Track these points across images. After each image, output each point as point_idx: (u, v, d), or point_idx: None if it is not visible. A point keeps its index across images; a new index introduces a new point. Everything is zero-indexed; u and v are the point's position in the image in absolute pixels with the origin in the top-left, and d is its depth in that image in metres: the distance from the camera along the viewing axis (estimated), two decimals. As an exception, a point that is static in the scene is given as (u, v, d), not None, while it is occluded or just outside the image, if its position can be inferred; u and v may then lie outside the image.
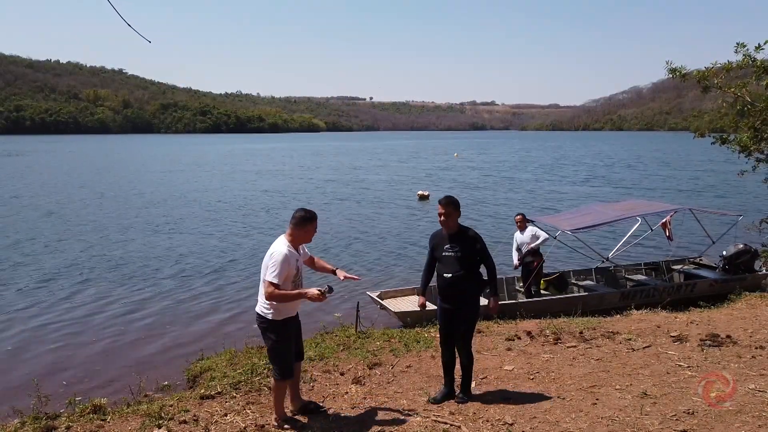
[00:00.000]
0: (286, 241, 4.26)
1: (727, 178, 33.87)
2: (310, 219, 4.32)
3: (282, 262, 4.09)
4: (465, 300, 4.70)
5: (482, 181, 34.41)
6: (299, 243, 4.35)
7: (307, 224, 4.30)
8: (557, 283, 9.71)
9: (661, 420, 4.38)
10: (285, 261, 4.11)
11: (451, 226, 4.71)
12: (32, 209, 22.32)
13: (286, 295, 4.11)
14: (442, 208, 4.68)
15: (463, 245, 4.64)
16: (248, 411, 4.85)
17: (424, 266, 4.99)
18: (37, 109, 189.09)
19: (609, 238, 14.09)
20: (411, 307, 8.66)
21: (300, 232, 4.29)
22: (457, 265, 4.62)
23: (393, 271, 12.82)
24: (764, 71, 9.41)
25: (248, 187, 31.98)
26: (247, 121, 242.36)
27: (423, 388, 5.28)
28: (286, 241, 4.27)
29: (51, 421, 4.83)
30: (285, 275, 4.12)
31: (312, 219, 4.33)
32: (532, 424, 4.41)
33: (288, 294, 4.12)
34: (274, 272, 4.08)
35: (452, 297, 4.71)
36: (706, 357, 5.88)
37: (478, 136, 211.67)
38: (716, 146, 10.86)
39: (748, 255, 10.13)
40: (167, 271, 12.71)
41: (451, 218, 4.69)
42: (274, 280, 4.08)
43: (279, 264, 4.09)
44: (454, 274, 4.63)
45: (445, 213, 4.67)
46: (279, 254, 4.13)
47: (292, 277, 4.21)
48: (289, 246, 4.23)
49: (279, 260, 4.10)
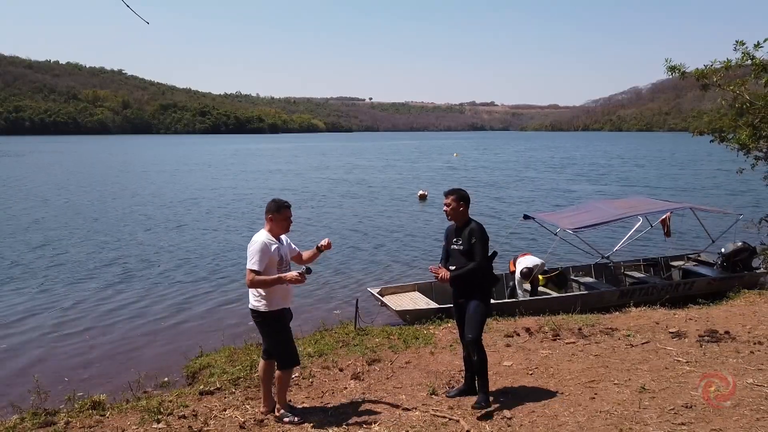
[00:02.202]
0: (264, 232, 4.37)
1: (727, 176, 33.87)
2: (280, 208, 4.39)
3: (260, 250, 4.19)
4: (471, 294, 4.59)
5: (484, 180, 34.47)
6: (277, 232, 4.39)
7: (278, 213, 4.37)
8: (557, 280, 9.72)
9: (659, 414, 4.39)
10: (263, 249, 4.20)
11: (456, 218, 4.67)
12: (33, 209, 22.32)
13: (265, 281, 4.18)
14: (447, 199, 4.66)
15: (464, 238, 4.61)
16: (247, 406, 4.86)
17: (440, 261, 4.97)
18: (36, 109, 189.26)
19: (609, 234, 14.10)
20: (411, 304, 8.68)
21: (274, 222, 4.37)
22: (461, 259, 4.59)
23: (394, 268, 12.83)
24: (763, 69, 9.41)
25: (261, 185, 31.96)
26: (246, 122, 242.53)
27: (422, 384, 5.29)
28: (265, 231, 4.37)
29: (50, 416, 4.84)
30: (266, 263, 4.20)
31: (282, 207, 4.39)
32: (531, 418, 4.42)
33: (267, 279, 4.18)
34: (253, 260, 4.17)
35: (460, 290, 4.66)
36: (705, 353, 5.90)
37: (477, 137, 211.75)
38: (717, 147, 10.86)
39: (747, 253, 10.13)
40: (167, 269, 12.70)
41: (456, 211, 4.64)
42: (253, 267, 4.16)
43: (257, 252, 4.18)
44: (458, 268, 4.61)
45: (447, 204, 4.65)
46: (257, 243, 4.24)
47: (276, 265, 4.26)
48: (268, 235, 4.33)
49: (257, 248, 4.20)
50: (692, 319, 7.34)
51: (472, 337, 4.55)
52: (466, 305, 4.63)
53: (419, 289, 9.38)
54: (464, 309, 4.65)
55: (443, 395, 4.98)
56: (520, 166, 49.00)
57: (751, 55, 9.27)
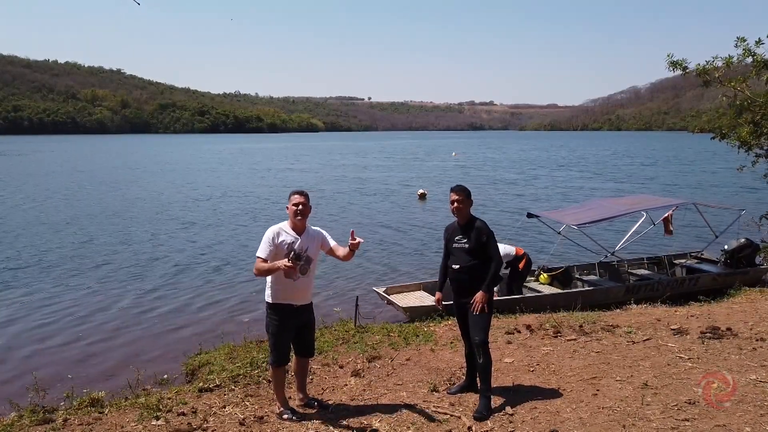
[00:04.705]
0: (283, 223, 4.38)
1: (728, 174, 33.87)
2: (289, 195, 4.40)
3: (267, 239, 4.25)
4: (474, 293, 4.49)
5: (486, 178, 34.43)
6: (293, 223, 4.33)
7: (288, 200, 4.38)
8: (562, 278, 9.70)
9: (662, 410, 4.36)
10: (268, 237, 4.26)
11: (464, 215, 4.61)
12: (34, 209, 22.26)
13: (260, 268, 4.18)
14: (456, 195, 4.56)
15: (472, 236, 4.52)
16: (247, 403, 4.82)
17: (441, 261, 4.88)
18: (35, 109, 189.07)
19: (612, 233, 14.08)
20: (417, 302, 8.69)
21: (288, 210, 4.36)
22: (466, 257, 4.52)
23: (396, 267, 12.80)
24: (764, 66, 9.38)
25: (261, 183, 31.92)
26: (245, 121, 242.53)
27: (423, 381, 5.25)
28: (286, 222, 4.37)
29: (48, 414, 4.80)
30: (270, 251, 4.21)
31: (290, 195, 4.39)
32: (533, 414, 4.39)
33: (262, 267, 4.17)
34: (260, 247, 4.26)
35: (463, 290, 4.59)
36: (707, 349, 5.86)
37: (476, 136, 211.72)
38: (718, 146, 10.84)
39: (750, 249, 10.14)
40: (168, 267, 12.65)
41: (466, 207, 4.59)
42: (258, 254, 4.24)
43: (264, 241, 4.26)
44: (462, 266, 4.54)
45: (459, 200, 4.55)
46: (267, 231, 4.32)
47: (285, 256, 4.16)
48: (283, 225, 4.33)
49: (264, 237, 4.28)
50: (694, 316, 7.31)
51: (479, 340, 4.46)
52: (469, 305, 4.56)
53: (425, 288, 9.37)
54: (465, 308, 4.59)
55: (444, 392, 4.94)
56: (522, 164, 48.96)
57: (752, 51, 9.24)
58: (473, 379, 4.83)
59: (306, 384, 4.81)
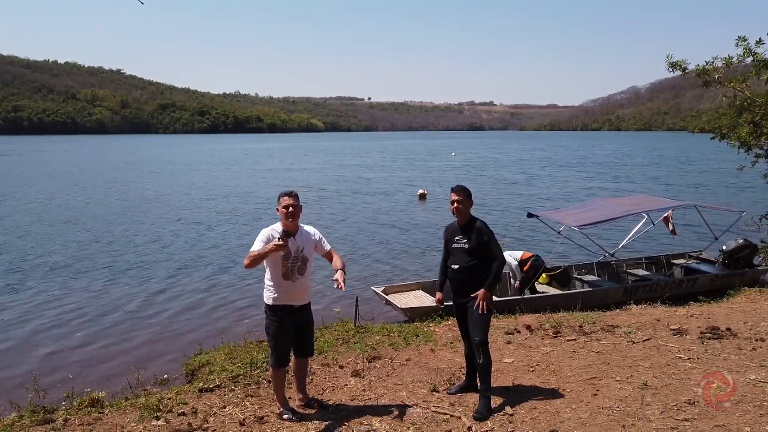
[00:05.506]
0: (276, 224, 4.39)
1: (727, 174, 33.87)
2: (278, 196, 4.40)
3: (260, 239, 4.26)
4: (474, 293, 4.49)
5: (486, 178, 34.43)
6: (285, 223, 4.31)
7: (278, 202, 4.39)
8: (561, 278, 9.70)
9: (662, 410, 4.36)
10: (262, 235, 4.27)
11: (464, 215, 4.61)
12: (33, 209, 22.26)
13: (251, 254, 4.16)
14: (457, 196, 4.56)
15: (472, 237, 4.52)
16: (247, 403, 4.83)
17: (441, 261, 4.88)
18: (35, 109, 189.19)
19: (611, 233, 14.08)
20: (415, 302, 8.68)
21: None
22: (466, 257, 4.52)
23: (396, 267, 12.80)
24: (764, 66, 9.38)
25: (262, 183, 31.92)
26: (245, 121, 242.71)
27: (423, 381, 5.26)
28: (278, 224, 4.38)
29: (48, 414, 4.81)
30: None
31: (279, 196, 4.38)
32: (533, 414, 4.39)
33: (253, 252, 4.16)
34: (253, 246, 4.26)
35: (462, 290, 4.58)
36: (707, 349, 5.87)
37: (476, 136, 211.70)
38: (718, 146, 10.84)
39: (748, 250, 10.14)
40: (169, 268, 12.65)
41: (466, 207, 4.59)
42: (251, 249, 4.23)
43: (257, 240, 4.28)
44: (462, 266, 4.54)
45: (459, 200, 4.55)
46: (261, 233, 4.33)
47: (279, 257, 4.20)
48: (277, 228, 4.28)
49: (258, 237, 4.30)
50: (693, 317, 7.31)
51: (479, 340, 4.45)
52: (468, 305, 4.56)
53: (423, 287, 9.37)
54: (465, 308, 4.59)
55: (444, 392, 4.95)
56: (522, 164, 48.95)
57: (753, 51, 9.24)
58: (473, 379, 4.84)
59: (306, 384, 4.82)
